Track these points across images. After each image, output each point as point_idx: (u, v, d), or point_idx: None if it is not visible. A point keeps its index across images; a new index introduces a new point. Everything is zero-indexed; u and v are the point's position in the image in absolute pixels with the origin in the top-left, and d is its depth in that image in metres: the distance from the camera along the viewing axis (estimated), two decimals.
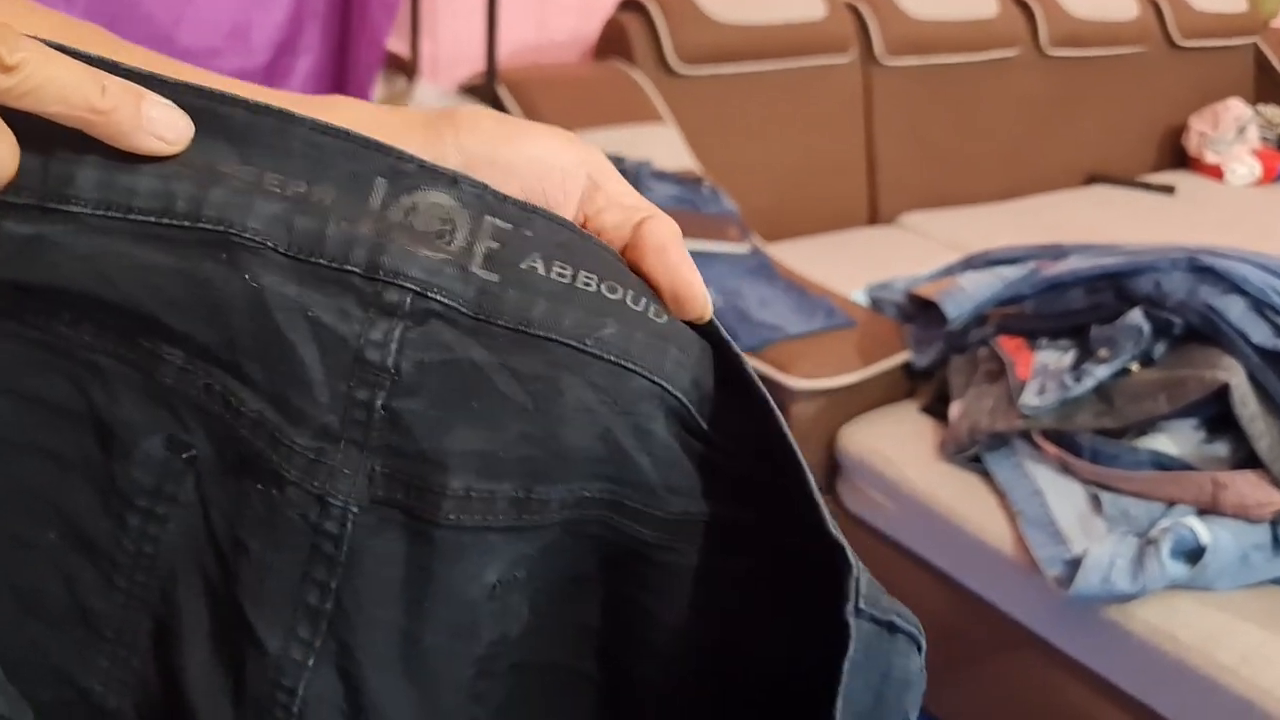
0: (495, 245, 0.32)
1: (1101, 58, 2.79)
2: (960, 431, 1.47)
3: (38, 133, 0.28)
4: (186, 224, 0.30)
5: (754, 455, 0.33)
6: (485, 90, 1.99)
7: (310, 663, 0.33)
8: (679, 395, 0.32)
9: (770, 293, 1.71)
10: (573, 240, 0.32)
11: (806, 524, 0.31)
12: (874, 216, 2.42)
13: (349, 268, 0.31)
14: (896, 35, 2.39)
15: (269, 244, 0.31)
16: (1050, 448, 1.39)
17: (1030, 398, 1.40)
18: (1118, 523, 1.32)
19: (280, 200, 0.31)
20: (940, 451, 1.51)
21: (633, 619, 0.35)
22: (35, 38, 0.27)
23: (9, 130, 0.27)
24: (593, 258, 0.32)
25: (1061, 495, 1.36)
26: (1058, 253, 1.60)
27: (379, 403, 0.32)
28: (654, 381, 0.32)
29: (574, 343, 0.32)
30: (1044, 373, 1.42)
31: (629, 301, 0.32)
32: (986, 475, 1.44)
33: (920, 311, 1.65)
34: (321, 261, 0.31)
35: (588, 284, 0.32)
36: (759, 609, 0.34)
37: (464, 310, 0.31)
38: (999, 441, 1.43)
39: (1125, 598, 1.26)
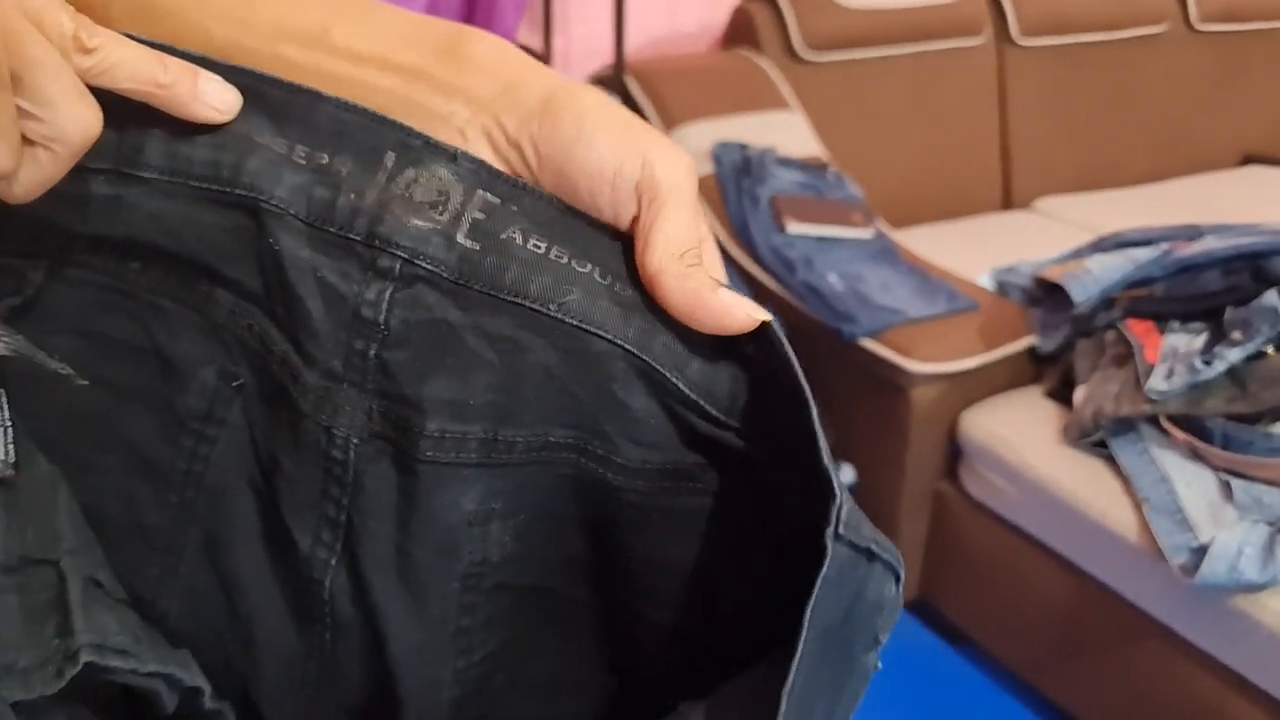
0: (481, 216, 0.35)
1: (1257, 32, 2.65)
2: (1084, 416, 1.44)
3: (112, 111, 0.33)
4: (229, 189, 0.35)
5: (746, 408, 0.35)
6: (614, 82, 2.03)
7: (333, 562, 0.39)
8: (645, 358, 0.35)
9: (893, 277, 1.70)
10: (556, 218, 0.35)
11: (797, 458, 0.33)
12: (1008, 201, 2.36)
13: (352, 235, 0.35)
14: (1033, 15, 2.33)
15: (290, 211, 0.35)
16: (1179, 433, 1.35)
17: (1158, 382, 1.36)
18: (1249, 510, 1.27)
19: (305, 171, 0.35)
20: (1064, 436, 1.48)
21: (613, 551, 0.38)
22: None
23: (93, 98, 0.32)
24: (571, 235, 0.35)
25: (1190, 482, 1.33)
26: (1192, 233, 1.55)
27: (372, 352, 0.36)
28: (616, 344, 0.35)
29: (539, 307, 0.35)
30: (1173, 356, 1.39)
31: (596, 275, 0.35)
32: (1111, 461, 1.41)
33: (1046, 295, 1.62)
34: (330, 229, 0.35)
35: (559, 257, 0.35)
36: (734, 543, 0.36)
37: (445, 275, 0.35)
38: (1125, 426, 1.40)
39: (1254, 587, 1.22)
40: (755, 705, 0.32)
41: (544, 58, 2.03)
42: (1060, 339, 1.58)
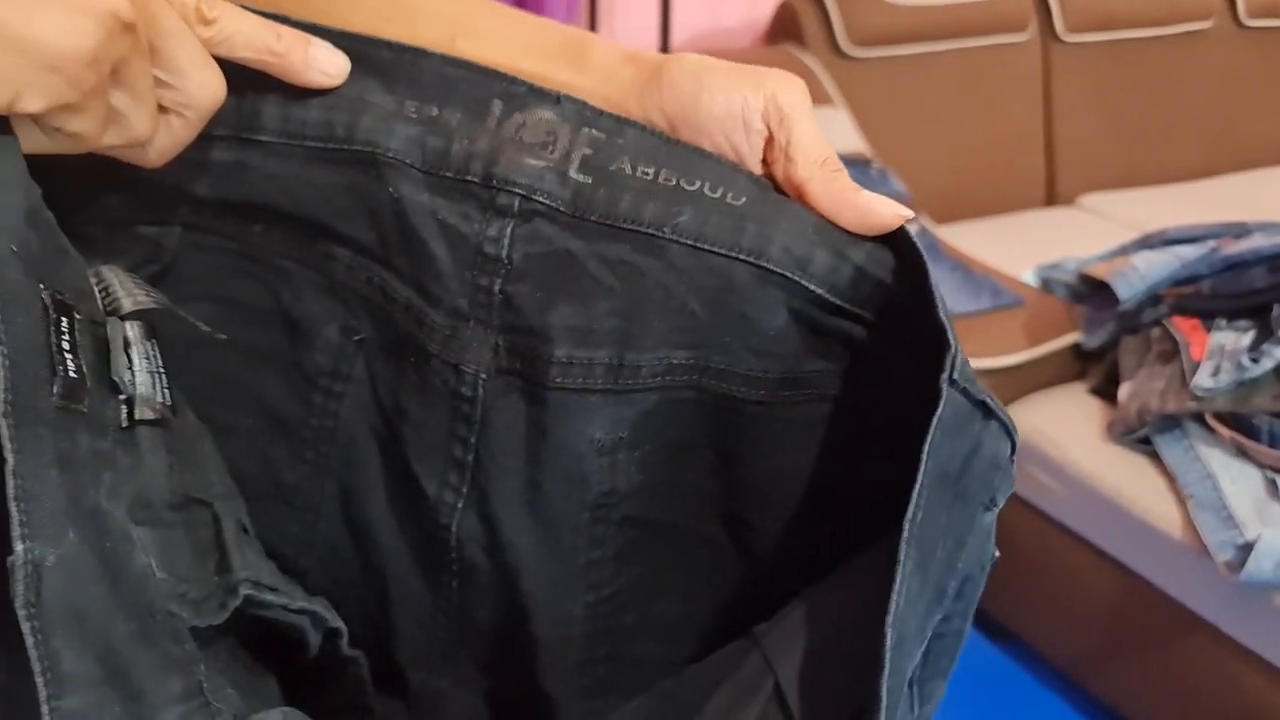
0: (589, 152, 0.37)
1: None
2: (1129, 412, 1.44)
3: (230, 79, 0.35)
4: (345, 147, 0.37)
5: (867, 293, 0.36)
6: None
7: (459, 505, 0.40)
8: (763, 263, 0.36)
9: (936, 272, 1.69)
10: (660, 146, 0.37)
11: (913, 326, 0.34)
12: (1051, 198, 2.34)
13: (469, 178, 0.37)
14: (1079, 11, 2.31)
15: (407, 160, 0.37)
16: (1225, 430, 1.35)
17: (1204, 379, 1.36)
18: None
19: (416, 124, 0.37)
20: (1109, 433, 1.48)
21: (739, 471, 0.40)
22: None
23: (217, 65, 0.34)
24: (677, 158, 0.37)
25: (1236, 479, 1.32)
26: (1239, 230, 1.54)
27: (497, 287, 0.38)
28: (731, 257, 0.36)
29: (653, 230, 0.36)
30: (1220, 353, 1.38)
31: (706, 190, 0.36)
32: (1156, 458, 1.41)
33: (1092, 292, 1.62)
34: (447, 174, 0.37)
35: (668, 180, 0.37)
36: (851, 447, 0.38)
37: (561, 209, 0.37)
38: (1170, 423, 1.40)
39: None
40: (875, 568, 0.32)
41: None
42: (1105, 336, 1.58)
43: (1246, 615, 1.30)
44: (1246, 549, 1.25)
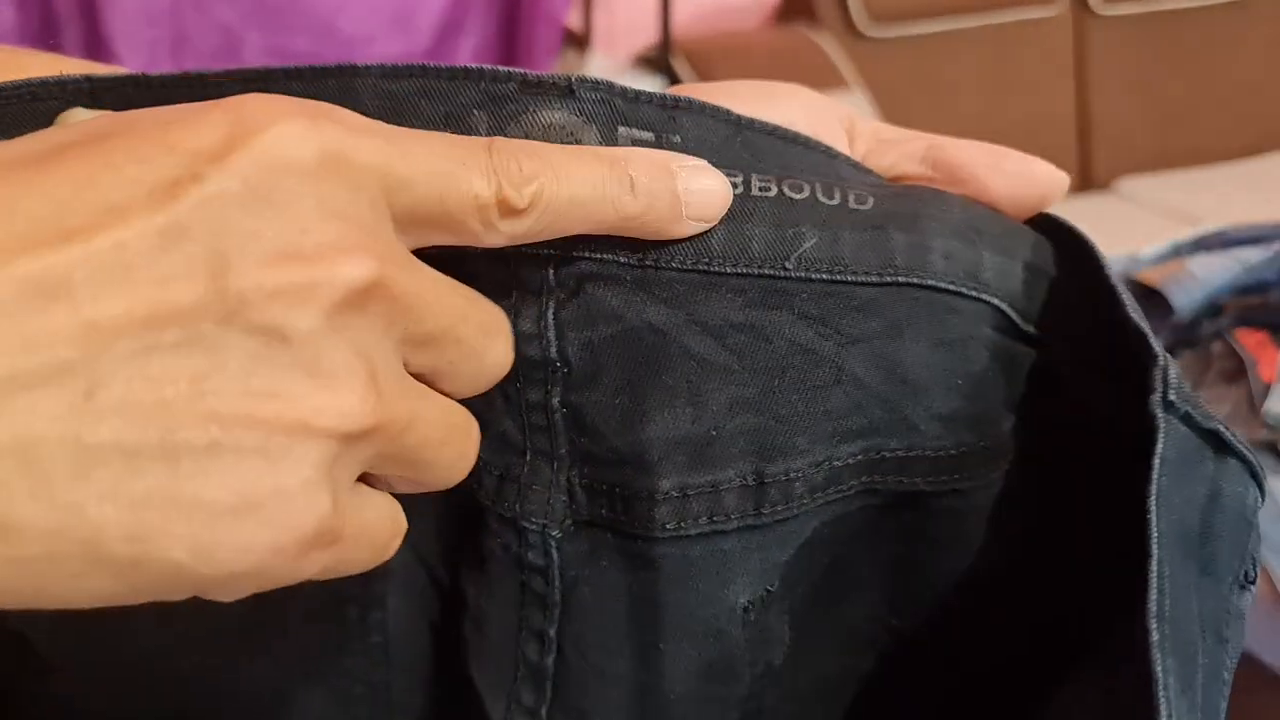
0: None
1: None
2: None
3: None
4: None
5: (1043, 302, 0.28)
6: (660, 61, 1.97)
7: None
8: (929, 281, 0.27)
9: None
10: (731, 135, 0.27)
11: (1100, 337, 0.27)
12: (1086, 182, 2.26)
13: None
14: None
15: None
16: None
17: (1276, 404, 1.24)
18: None
19: None
20: None
21: (909, 584, 0.31)
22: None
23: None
24: (762, 153, 0.27)
25: None
26: None
27: (555, 400, 0.27)
28: (887, 283, 0.27)
29: (770, 270, 0.26)
30: None
31: (820, 195, 0.27)
32: None
33: (1143, 299, 1.48)
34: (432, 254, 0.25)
35: (765, 188, 0.26)
36: (1056, 512, 0.29)
37: (622, 259, 0.26)
38: None
39: None
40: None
41: (586, 36, 1.96)
42: None
43: None
44: None
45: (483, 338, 0.24)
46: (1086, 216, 1.50)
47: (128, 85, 0.25)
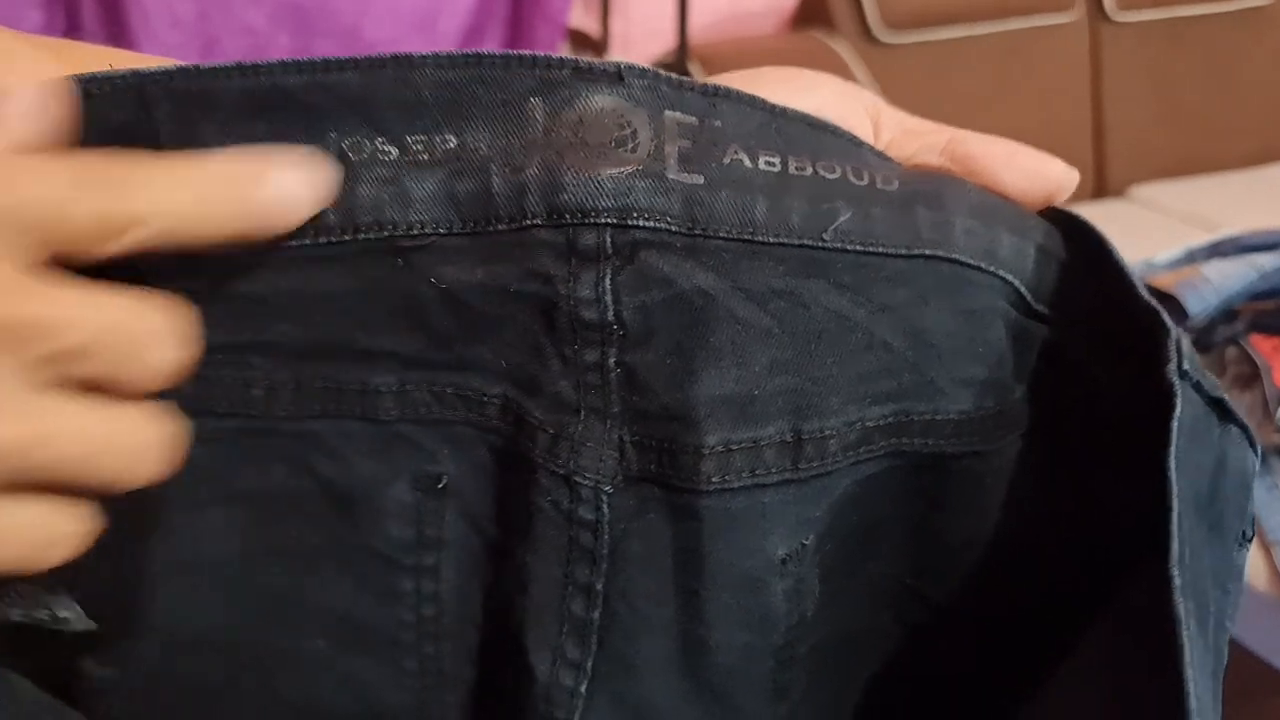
0: (687, 143, 0.28)
1: None
2: None
3: None
4: (346, 238, 0.27)
5: (1054, 282, 0.30)
6: (677, 67, 1.96)
7: (583, 689, 0.30)
8: (954, 255, 0.29)
9: None
10: (766, 120, 0.28)
11: (1111, 316, 0.29)
12: (1100, 190, 2.25)
13: (529, 222, 0.27)
14: None
15: (439, 230, 0.27)
16: None
17: None
18: None
19: (432, 167, 0.27)
20: None
21: (929, 546, 0.32)
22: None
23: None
24: (799, 138, 0.29)
25: None
26: None
27: (610, 361, 0.28)
28: (915, 255, 0.29)
29: (809, 240, 0.28)
30: None
31: (851, 177, 0.29)
32: None
33: (1157, 304, 1.49)
34: (499, 227, 0.27)
35: (801, 169, 0.28)
36: (1065, 480, 0.31)
37: (673, 228, 0.27)
38: None
39: None
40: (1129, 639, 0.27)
41: (602, 41, 1.96)
42: None
43: None
44: None
45: (140, 342, 0.24)
46: (1101, 222, 1.51)
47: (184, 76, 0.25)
